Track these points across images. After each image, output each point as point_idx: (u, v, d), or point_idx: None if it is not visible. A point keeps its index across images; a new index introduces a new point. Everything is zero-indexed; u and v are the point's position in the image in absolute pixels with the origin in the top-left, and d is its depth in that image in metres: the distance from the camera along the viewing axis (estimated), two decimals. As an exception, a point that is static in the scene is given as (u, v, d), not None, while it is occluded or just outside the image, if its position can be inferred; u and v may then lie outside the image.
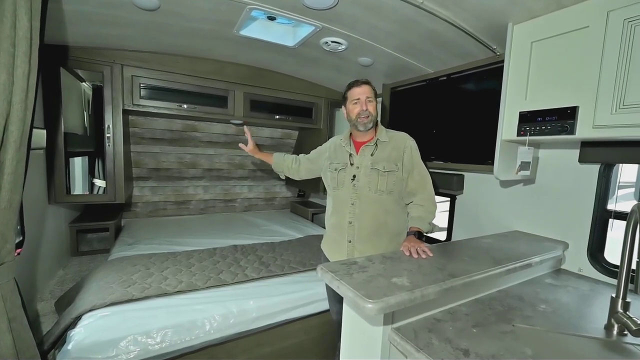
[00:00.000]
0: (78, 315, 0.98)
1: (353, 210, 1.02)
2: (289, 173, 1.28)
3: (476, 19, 1.10)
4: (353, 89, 1.02)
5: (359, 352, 0.71)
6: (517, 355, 0.58)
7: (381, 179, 1.00)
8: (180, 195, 2.50)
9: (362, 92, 1.01)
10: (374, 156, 1.02)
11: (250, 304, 1.17)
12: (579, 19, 0.88)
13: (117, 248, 1.65)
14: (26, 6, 0.66)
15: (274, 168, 1.30)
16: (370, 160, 1.02)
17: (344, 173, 1.05)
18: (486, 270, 0.77)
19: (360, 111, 1.00)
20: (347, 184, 1.04)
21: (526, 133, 0.99)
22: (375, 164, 1.01)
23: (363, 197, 1.01)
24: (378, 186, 1.00)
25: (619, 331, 0.68)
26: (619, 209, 1.01)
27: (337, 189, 1.06)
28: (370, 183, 1.01)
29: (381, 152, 1.03)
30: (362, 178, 1.02)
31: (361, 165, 1.03)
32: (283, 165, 1.27)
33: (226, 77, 1.91)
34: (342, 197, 1.05)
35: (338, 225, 1.06)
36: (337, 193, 1.06)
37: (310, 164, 1.23)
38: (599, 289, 0.93)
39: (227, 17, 1.29)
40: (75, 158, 1.80)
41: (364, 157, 1.03)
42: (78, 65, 1.62)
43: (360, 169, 1.03)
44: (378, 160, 1.02)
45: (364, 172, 1.02)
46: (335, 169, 1.07)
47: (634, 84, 0.77)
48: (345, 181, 1.04)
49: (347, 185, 1.04)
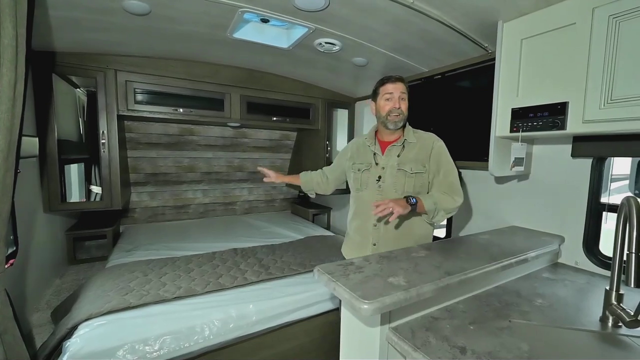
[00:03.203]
0: (74, 325, 0.97)
1: None
2: (319, 189, 1.22)
3: (466, 17, 1.11)
4: (386, 85, 0.97)
5: (357, 353, 0.71)
6: (513, 351, 0.59)
7: (408, 180, 0.97)
8: (179, 199, 2.49)
9: (396, 88, 0.96)
10: (400, 157, 0.99)
11: (250, 307, 1.16)
12: (565, 16, 0.89)
13: (115, 255, 1.63)
14: (11, 13, 0.65)
15: (303, 189, 1.25)
16: (396, 161, 0.99)
17: (367, 174, 1.02)
18: (482, 267, 0.78)
19: (392, 108, 0.96)
20: (371, 184, 1.00)
21: (519, 129, 1.00)
22: (402, 164, 0.98)
23: (389, 198, 0.97)
24: (405, 188, 0.97)
25: (614, 323, 0.69)
26: (612, 202, 1.02)
27: (360, 190, 1.03)
28: (397, 184, 0.97)
29: (408, 152, 0.99)
30: (388, 179, 0.98)
31: (387, 165, 1.00)
32: (312, 183, 1.22)
33: (221, 80, 1.90)
34: (366, 199, 1.00)
35: (362, 228, 1.03)
36: (361, 194, 1.03)
37: (335, 171, 1.19)
38: (595, 281, 0.94)
39: (219, 21, 1.29)
40: (70, 165, 1.78)
41: (390, 157, 1.00)
42: (71, 71, 1.61)
43: (385, 169, 0.99)
44: (405, 161, 0.98)
45: (389, 172, 0.99)
46: (359, 170, 1.04)
47: (620, 79, 0.78)
48: (369, 182, 1.01)
49: (371, 186, 1.00)
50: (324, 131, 2.31)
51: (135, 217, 2.35)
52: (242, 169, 2.70)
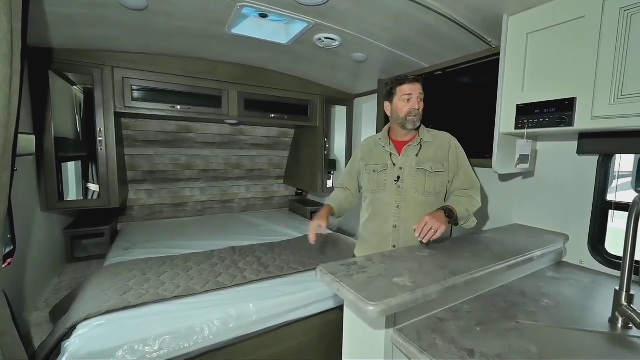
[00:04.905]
0: (72, 325, 0.95)
1: (398, 213, 0.97)
2: (348, 205, 1.13)
3: (470, 10, 1.09)
4: (404, 85, 0.96)
5: (360, 354, 0.70)
6: (523, 353, 0.57)
7: (429, 179, 0.96)
8: (177, 197, 2.47)
9: (414, 89, 0.95)
10: (419, 156, 0.98)
11: (249, 307, 1.14)
12: (574, 9, 0.87)
13: (113, 253, 1.61)
14: (5, 7, 0.63)
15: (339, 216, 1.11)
16: (414, 161, 0.98)
17: (384, 175, 0.99)
18: (488, 266, 0.76)
19: (411, 109, 0.95)
20: (389, 185, 0.98)
21: (524, 126, 0.98)
22: (421, 164, 0.97)
23: (409, 199, 0.96)
24: (425, 187, 0.96)
25: (624, 324, 0.67)
26: (618, 200, 1.00)
27: (377, 192, 1.00)
28: (417, 184, 0.96)
29: (426, 152, 0.98)
30: (407, 179, 0.97)
31: (404, 165, 0.98)
32: (344, 205, 1.12)
33: (219, 77, 1.88)
34: (384, 200, 0.98)
35: (380, 230, 1.00)
36: (378, 196, 1.00)
37: (353, 180, 1.13)
38: (601, 280, 0.93)
39: (217, 16, 1.26)
40: (67, 163, 1.76)
41: (407, 157, 0.99)
42: (67, 68, 1.58)
43: (404, 169, 0.98)
44: (424, 161, 0.97)
45: (408, 172, 0.97)
46: (374, 171, 1.01)
47: (631, 74, 0.76)
48: (387, 183, 0.99)
49: (389, 187, 0.98)
50: (322, 128, 2.29)
51: (133, 215, 2.33)
52: (239, 167, 2.68)
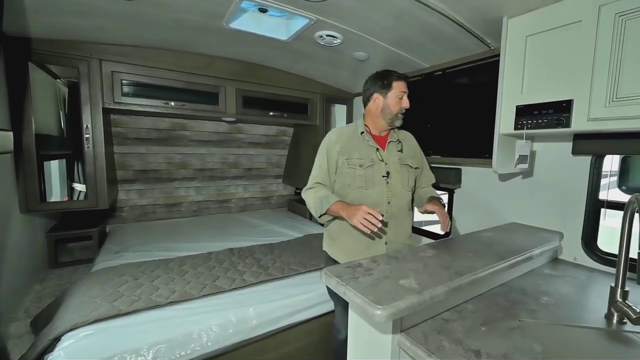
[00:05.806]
0: (57, 336, 0.89)
1: (390, 209, 0.97)
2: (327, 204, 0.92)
3: (471, 11, 1.09)
4: (401, 82, 0.96)
5: (366, 357, 0.69)
6: (527, 353, 0.58)
7: (411, 175, 1.02)
8: (171, 197, 2.39)
9: (406, 87, 0.97)
10: (402, 152, 1.03)
11: (250, 311, 1.11)
12: (572, 13, 0.89)
13: (102, 257, 1.54)
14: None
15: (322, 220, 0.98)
16: (397, 156, 1.01)
17: (372, 170, 0.96)
18: (491, 266, 0.77)
19: (402, 108, 0.97)
20: (378, 181, 0.97)
21: (523, 126, 1.00)
22: (405, 159, 1.01)
23: (397, 194, 0.99)
24: (409, 182, 1.01)
25: (619, 320, 0.70)
26: (610, 199, 1.04)
27: (365, 188, 0.96)
28: (403, 179, 1.00)
29: (406, 148, 1.04)
30: (394, 175, 0.99)
31: (389, 161, 0.99)
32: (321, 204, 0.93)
33: (216, 73, 1.82)
34: (373, 197, 0.97)
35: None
36: (367, 192, 0.96)
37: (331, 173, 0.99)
38: (595, 277, 0.96)
39: (215, 8, 1.22)
40: (50, 161, 1.66)
41: (391, 153, 1.01)
42: (50, 60, 1.49)
43: (389, 165, 0.99)
44: (406, 157, 1.02)
45: (393, 168, 0.99)
46: (360, 166, 0.95)
47: (626, 77, 0.78)
48: (375, 179, 0.97)
49: (378, 183, 0.97)
50: (322, 127, 2.27)
51: (123, 216, 2.23)
52: (237, 166, 2.62)
